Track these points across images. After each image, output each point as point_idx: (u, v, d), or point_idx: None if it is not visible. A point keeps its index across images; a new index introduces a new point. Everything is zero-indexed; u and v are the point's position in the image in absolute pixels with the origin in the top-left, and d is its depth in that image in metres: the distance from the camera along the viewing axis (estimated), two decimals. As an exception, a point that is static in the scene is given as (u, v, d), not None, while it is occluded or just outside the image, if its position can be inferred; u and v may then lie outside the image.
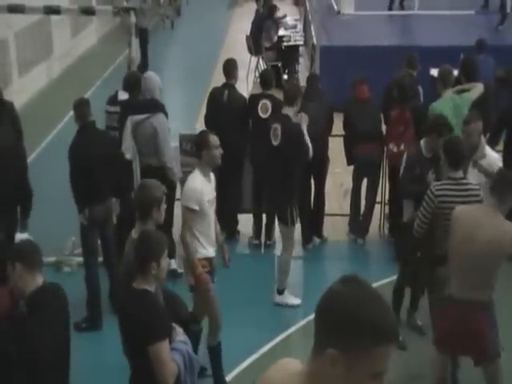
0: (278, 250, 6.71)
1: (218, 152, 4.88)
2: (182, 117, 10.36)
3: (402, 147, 6.48)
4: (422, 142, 5.43)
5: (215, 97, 7.05)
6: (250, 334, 5.49)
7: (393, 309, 5.54)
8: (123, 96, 6.67)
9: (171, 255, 6.57)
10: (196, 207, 4.67)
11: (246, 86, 11.67)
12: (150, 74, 6.58)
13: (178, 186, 6.80)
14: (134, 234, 4.01)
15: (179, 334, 3.64)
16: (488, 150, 5.47)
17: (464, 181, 4.78)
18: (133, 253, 3.83)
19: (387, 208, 7.22)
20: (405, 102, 6.65)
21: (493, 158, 5.40)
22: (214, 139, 4.87)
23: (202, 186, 4.75)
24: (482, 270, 4.12)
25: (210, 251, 4.88)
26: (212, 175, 5.01)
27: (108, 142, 5.86)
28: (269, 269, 6.51)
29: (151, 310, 3.45)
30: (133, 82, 6.55)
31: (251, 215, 7.18)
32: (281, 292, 6.07)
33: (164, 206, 4.08)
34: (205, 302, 4.85)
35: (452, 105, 6.28)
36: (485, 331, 4.18)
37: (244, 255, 7.00)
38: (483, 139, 5.46)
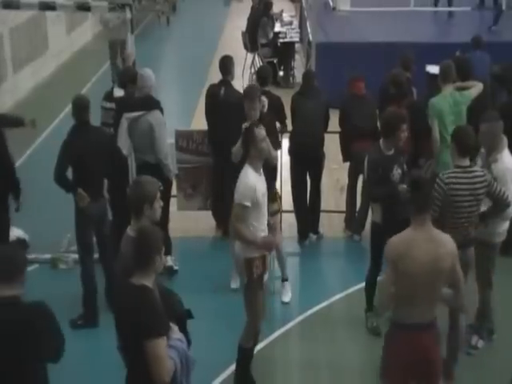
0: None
1: (266, 144, 4.84)
2: (177, 113, 10.34)
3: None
4: (381, 141, 5.44)
5: (212, 94, 7.04)
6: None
7: (367, 302, 5.62)
8: (119, 92, 6.66)
9: (167, 252, 6.58)
10: (249, 204, 4.64)
11: (241, 82, 11.65)
12: (146, 71, 6.56)
13: (174, 182, 6.82)
14: (130, 230, 4.00)
15: (175, 331, 3.64)
16: (505, 155, 5.15)
17: (470, 169, 4.81)
18: (129, 250, 3.84)
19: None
20: (401, 98, 6.64)
21: (504, 165, 5.08)
22: (260, 132, 4.82)
23: (255, 182, 4.71)
24: (431, 289, 3.91)
25: None
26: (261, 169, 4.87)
27: (103, 139, 5.83)
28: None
29: (150, 306, 3.44)
30: (128, 79, 6.54)
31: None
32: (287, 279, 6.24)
33: (160, 203, 4.04)
34: (250, 295, 4.77)
35: (452, 101, 6.28)
36: (438, 357, 4.06)
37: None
38: (504, 143, 5.19)
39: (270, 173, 5.45)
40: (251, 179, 4.70)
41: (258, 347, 5.35)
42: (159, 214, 4.05)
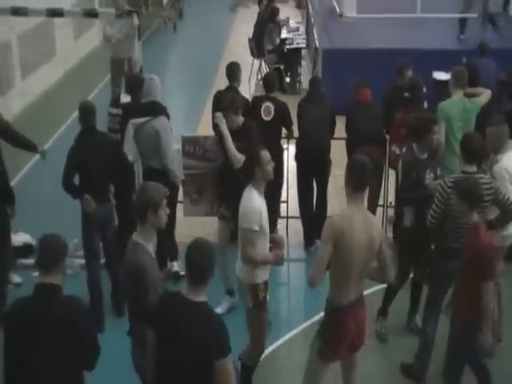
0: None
1: (271, 167, 4.71)
2: (184, 119, 10.37)
3: (404, 150, 6.48)
4: (415, 144, 5.41)
5: (219, 100, 7.05)
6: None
7: (383, 306, 5.63)
8: (126, 98, 6.70)
9: (174, 257, 6.59)
10: (257, 228, 4.55)
11: (248, 88, 11.68)
12: (152, 77, 6.59)
13: (181, 188, 6.83)
14: (135, 236, 3.98)
15: None
16: (506, 157, 5.16)
17: (477, 175, 4.79)
18: (136, 255, 3.84)
19: (389, 211, 7.22)
20: (415, 105, 6.59)
21: (503, 165, 5.12)
22: (266, 155, 4.73)
23: (260, 205, 4.60)
24: (364, 266, 4.14)
25: (267, 273, 4.79)
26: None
27: (108, 144, 5.86)
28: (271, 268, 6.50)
29: (218, 324, 3.36)
30: (135, 85, 6.57)
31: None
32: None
33: (165, 210, 3.97)
34: (255, 319, 4.75)
35: (461, 107, 6.27)
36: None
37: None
38: (509, 146, 5.21)
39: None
40: (257, 203, 4.59)
41: (264, 353, 5.35)
42: (164, 220, 3.99)
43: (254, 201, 4.59)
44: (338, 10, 12.61)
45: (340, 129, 7.16)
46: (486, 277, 4.27)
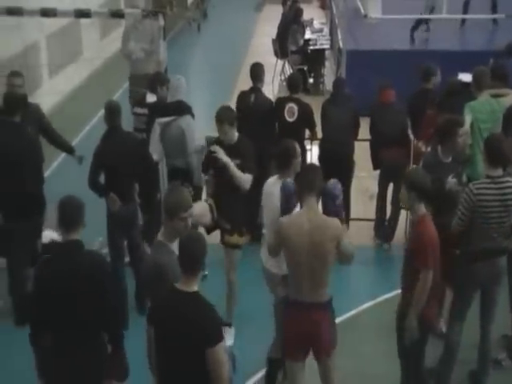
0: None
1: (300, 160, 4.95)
2: (207, 119, 10.39)
3: (428, 150, 6.44)
4: (439, 147, 5.34)
5: (242, 100, 7.10)
6: (271, 340, 5.48)
7: None
8: (151, 98, 6.76)
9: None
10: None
11: (271, 89, 11.71)
12: (178, 77, 6.66)
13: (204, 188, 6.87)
14: (160, 236, 4.03)
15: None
16: None
17: (502, 179, 4.75)
18: (159, 255, 3.89)
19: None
20: (449, 107, 6.40)
21: None
22: (297, 147, 4.96)
23: None
24: (313, 272, 4.21)
25: None
26: None
27: (133, 143, 5.92)
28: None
29: (209, 312, 3.43)
30: (160, 84, 6.63)
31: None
32: None
33: (191, 214, 4.00)
34: None
35: (489, 109, 6.20)
36: (327, 332, 4.32)
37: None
38: None
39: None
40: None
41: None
42: (189, 225, 4.02)
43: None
44: (362, 10, 12.58)
45: (364, 130, 7.15)
46: (428, 264, 4.31)
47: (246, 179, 5.43)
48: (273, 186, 4.92)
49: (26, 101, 6.41)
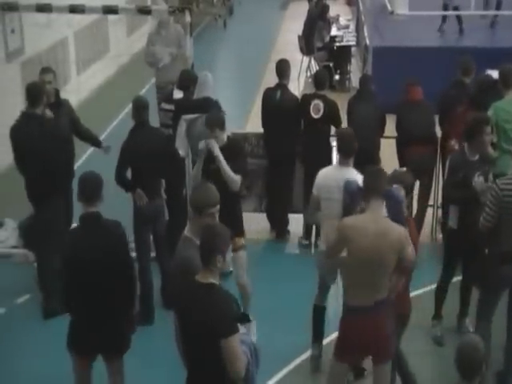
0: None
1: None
2: (233, 116, 10.43)
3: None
4: (466, 145, 5.29)
5: (268, 97, 7.10)
6: (293, 338, 5.50)
7: (435, 309, 5.57)
8: (178, 94, 6.78)
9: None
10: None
11: (297, 85, 11.69)
12: (204, 73, 6.67)
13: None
14: (187, 231, 4.05)
15: (240, 326, 3.64)
16: None
17: None
18: (186, 250, 3.92)
19: (440, 212, 7.15)
20: (480, 104, 6.34)
21: None
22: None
23: None
24: (373, 276, 4.08)
25: None
26: None
27: (160, 139, 5.92)
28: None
29: (223, 303, 3.46)
30: (187, 81, 6.65)
31: (301, 215, 7.20)
32: None
33: (214, 218, 3.99)
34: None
35: None
36: (385, 334, 4.20)
37: (294, 255, 7.03)
38: None
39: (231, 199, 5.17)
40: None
41: (306, 355, 5.39)
42: (216, 220, 4.03)
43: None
44: (389, 7, 12.49)
45: (389, 127, 7.11)
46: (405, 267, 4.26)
47: (235, 179, 5.30)
48: (333, 178, 4.94)
49: (58, 96, 6.50)
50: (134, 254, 6.18)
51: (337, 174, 4.98)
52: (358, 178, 4.83)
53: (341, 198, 4.81)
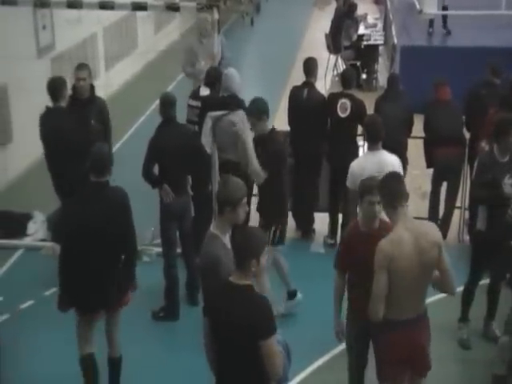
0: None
1: None
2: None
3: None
4: (495, 146, 5.24)
5: (295, 95, 7.10)
6: (317, 337, 5.50)
7: (462, 312, 5.53)
8: (205, 91, 6.81)
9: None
10: None
11: (323, 84, 11.66)
12: (231, 71, 6.69)
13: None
14: (213, 228, 4.04)
15: None
16: None
17: None
18: (213, 247, 3.93)
19: (467, 213, 7.09)
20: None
21: None
22: None
23: None
24: (419, 283, 3.95)
25: None
26: None
27: (187, 136, 5.96)
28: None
29: (261, 305, 3.44)
30: (214, 78, 6.68)
31: (327, 214, 7.19)
32: None
33: (245, 209, 3.99)
34: None
35: None
36: (427, 344, 4.11)
37: (319, 254, 7.03)
38: None
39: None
40: None
41: (331, 354, 5.37)
42: (242, 218, 4.01)
43: None
44: (417, 6, 12.40)
45: (417, 127, 7.07)
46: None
47: (258, 173, 5.55)
48: (369, 165, 5.19)
49: (92, 92, 6.54)
50: (160, 250, 6.30)
51: (372, 160, 5.29)
52: (394, 158, 5.37)
53: None
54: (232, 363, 3.54)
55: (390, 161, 5.36)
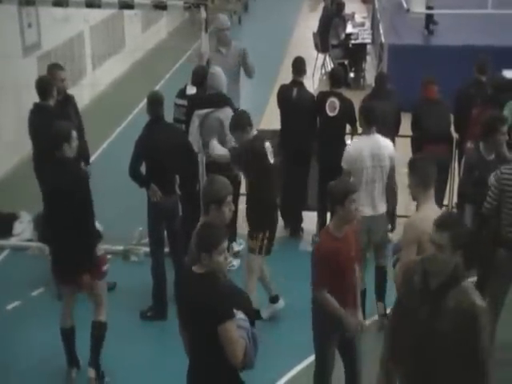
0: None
1: None
2: (249, 111, 10.42)
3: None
4: (482, 144, 5.26)
5: (284, 94, 7.09)
6: (304, 336, 5.49)
7: None
8: (191, 90, 6.78)
9: (233, 240, 6.67)
10: None
11: (311, 83, 11.66)
12: (216, 69, 6.67)
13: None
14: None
15: (237, 312, 3.66)
16: None
17: None
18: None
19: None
20: (497, 103, 6.32)
21: None
22: None
23: None
24: None
25: None
26: None
27: (176, 135, 5.92)
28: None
29: (218, 290, 3.49)
30: (200, 77, 6.65)
31: (315, 213, 7.19)
32: None
33: (230, 207, 4.03)
34: None
35: None
36: None
37: (307, 253, 6.99)
38: None
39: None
40: None
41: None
42: (228, 216, 4.05)
43: None
44: (404, 5, 12.44)
45: (405, 126, 7.08)
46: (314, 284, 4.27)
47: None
48: (365, 148, 5.39)
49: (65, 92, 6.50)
50: (147, 249, 6.27)
51: (368, 142, 5.51)
52: (388, 140, 5.60)
53: (371, 165, 5.42)
54: (199, 350, 3.60)
55: (385, 143, 5.57)
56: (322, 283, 4.23)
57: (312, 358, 5.16)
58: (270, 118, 8.22)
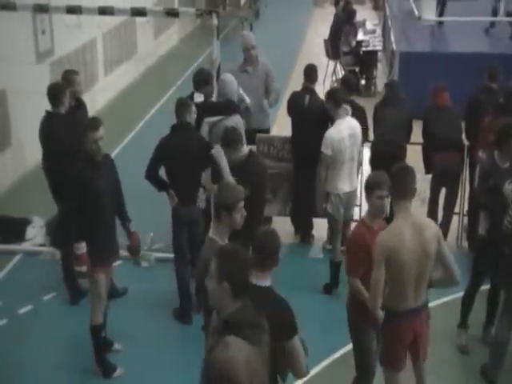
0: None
1: None
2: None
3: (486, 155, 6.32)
4: (496, 152, 5.22)
5: (296, 101, 7.10)
6: (315, 342, 5.48)
7: (461, 317, 5.55)
8: (199, 98, 6.69)
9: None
10: None
11: (322, 89, 11.67)
12: (227, 76, 6.68)
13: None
14: (211, 233, 4.03)
15: None
16: None
17: None
18: (209, 251, 3.91)
19: (465, 219, 7.10)
20: (508, 111, 6.23)
21: None
22: None
23: None
24: (421, 275, 4.06)
25: None
26: None
27: (200, 144, 5.78)
28: (342, 274, 6.49)
29: (285, 306, 3.47)
30: (201, 80, 6.62)
31: (326, 220, 7.18)
32: None
33: (242, 213, 3.98)
34: None
35: None
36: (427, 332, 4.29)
37: (317, 260, 7.03)
38: None
39: None
40: None
41: (328, 360, 5.39)
42: (239, 222, 3.99)
43: None
44: (416, 12, 12.44)
45: (416, 133, 7.08)
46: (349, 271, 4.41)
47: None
48: (345, 129, 6.02)
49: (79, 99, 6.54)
50: (158, 255, 6.28)
51: (344, 125, 6.08)
52: (355, 120, 6.23)
53: (349, 144, 6.05)
54: None
55: (355, 123, 6.22)
56: (354, 270, 4.32)
57: (318, 367, 5.19)
58: (281, 125, 8.22)
